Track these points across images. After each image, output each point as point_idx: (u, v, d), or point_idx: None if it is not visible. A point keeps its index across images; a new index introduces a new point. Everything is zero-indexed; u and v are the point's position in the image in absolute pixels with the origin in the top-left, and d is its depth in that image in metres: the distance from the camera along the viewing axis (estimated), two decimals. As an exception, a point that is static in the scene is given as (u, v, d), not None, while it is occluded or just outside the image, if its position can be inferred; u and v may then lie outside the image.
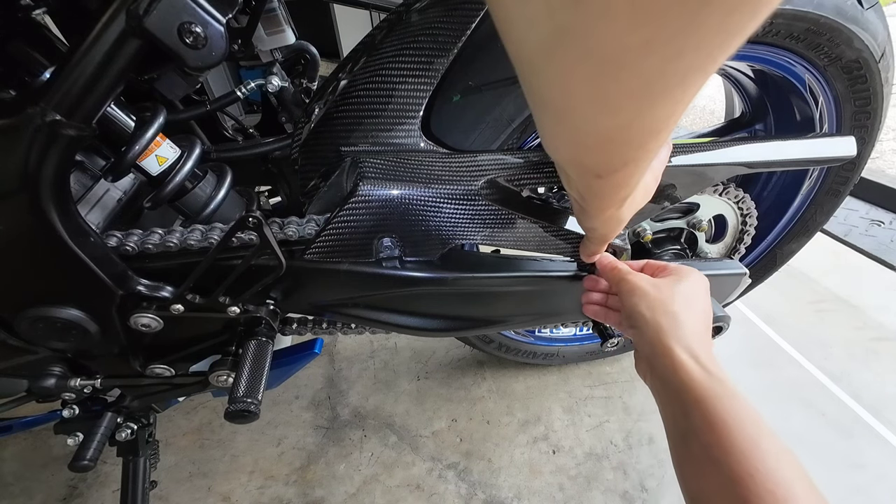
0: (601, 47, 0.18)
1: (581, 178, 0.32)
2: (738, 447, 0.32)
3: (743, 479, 0.30)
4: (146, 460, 0.71)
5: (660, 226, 0.72)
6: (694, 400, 0.36)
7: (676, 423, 0.37)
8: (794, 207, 0.83)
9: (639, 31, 0.17)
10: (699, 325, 0.43)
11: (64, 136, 0.37)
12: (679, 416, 0.37)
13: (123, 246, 0.46)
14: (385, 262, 0.51)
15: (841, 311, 1.24)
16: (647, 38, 0.17)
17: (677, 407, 0.37)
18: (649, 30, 0.17)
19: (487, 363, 1.14)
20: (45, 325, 0.47)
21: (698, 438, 0.34)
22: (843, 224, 1.56)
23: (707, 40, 0.17)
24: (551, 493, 0.87)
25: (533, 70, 0.22)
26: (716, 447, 0.33)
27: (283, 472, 0.92)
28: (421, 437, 0.98)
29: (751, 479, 0.30)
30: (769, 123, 0.78)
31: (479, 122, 0.53)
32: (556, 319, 0.70)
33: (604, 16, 0.16)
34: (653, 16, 0.16)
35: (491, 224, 0.52)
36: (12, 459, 0.96)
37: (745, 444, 0.32)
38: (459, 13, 0.45)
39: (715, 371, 0.37)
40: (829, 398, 1.02)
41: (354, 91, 0.49)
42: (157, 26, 0.35)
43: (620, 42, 0.17)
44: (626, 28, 0.17)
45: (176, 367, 0.58)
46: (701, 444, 0.34)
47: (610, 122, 0.23)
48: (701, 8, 0.16)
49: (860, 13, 0.55)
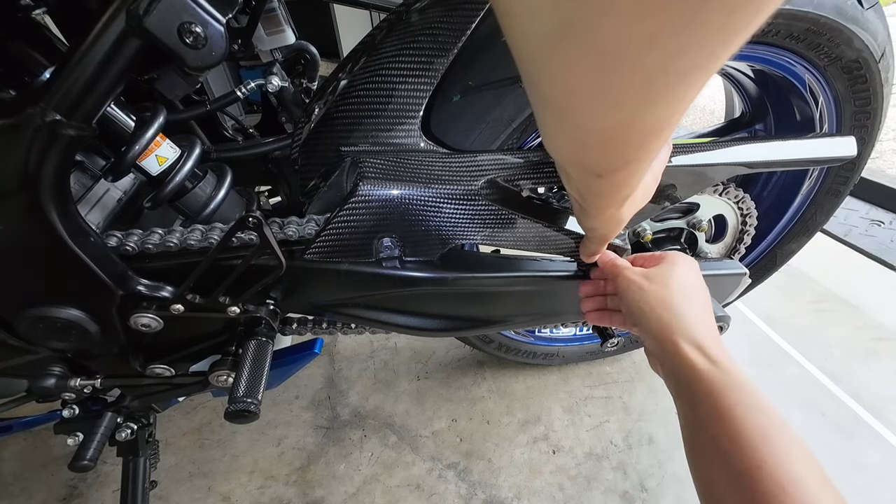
0: (604, 41, 0.18)
1: (582, 178, 0.32)
2: (746, 439, 0.32)
3: (751, 471, 0.30)
4: (146, 460, 0.71)
5: (660, 226, 0.72)
6: (702, 393, 0.36)
7: (686, 416, 0.38)
8: (794, 207, 0.83)
9: (642, 25, 0.17)
10: (700, 311, 0.42)
11: (64, 136, 0.37)
12: (688, 408, 0.37)
13: (123, 246, 0.46)
14: (385, 262, 0.51)
15: (841, 311, 1.24)
16: (650, 33, 0.17)
17: (686, 400, 0.38)
18: (653, 24, 0.17)
19: (487, 363, 1.14)
20: (45, 325, 0.47)
21: (707, 430, 0.34)
22: (843, 224, 1.56)
23: (710, 37, 0.17)
24: (551, 493, 0.87)
25: (535, 65, 0.22)
26: (724, 439, 0.33)
27: (283, 472, 0.92)
28: (421, 437, 0.98)
29: (759, 471, 0.30)
30: (769, 123, 0.78)
31: (479, 122, 0.53)
32: (556, 319, 0.70)
33: (608, 9, 0.16)
34: (657, 10, 0.16)
35: (491, 224, 0.52)
36: (12, 459, 0.96)
37: (753, 436, 0.32)
38: (459, 13, 0.45)
39: (722, 361, 0.37)
40: (829, 398, 1.02)
41: (354, 91, 0.49)
42: (157, 26, 0.35)
43: (624, 36, 0.17)
44: (629, 21, 0.17)
45: (176, 367, 0.58)
46: (709, 436, 0.34)
47: (612, 119, 0.23)
48: (704, 4, 0.16)
49: (860, 13, 0.55)
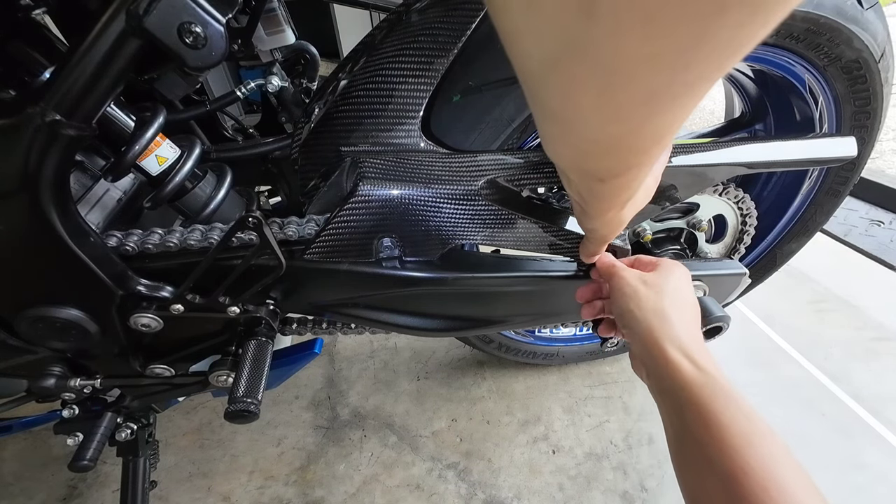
0: (611, 61, 0.18)
1: (583, 182, 0.32)
2: (732, 445, 0.32)
3: (737, 477, 0.30)
4: (146, 460, 0.71)
5: (660, 226, 0.72)
6: (687, 399, 0.36)
7: (672, 422, 0.38)
8: (794, 207, 0.83)
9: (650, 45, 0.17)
10: (689, 321, 0.43)
11: (64, 136, 0.37)
12: (674, 415, 0.37)
13: (123, 246, 0.46)
14: (385, 262, 0.51)
15: (841, 311, 1.24)
16: (657, 52, 0.17)
17: (672, 405, 0.38)
18: (660, 43, 0.17)
19: (487, 363, 1.14)
20: (44, 325, 0.47)
21: (693, 437, 0.35)
22: (843, 224, 1.56)
23: (716, 52, 0.17)
24: (551, 493, 0.87)
25: (539, 81, 0.22)
26: (710, 445, 0.33)
27: (283, 472, 0.92)
28: (421, 437, 0.98)
29: (745, 477, 0.30)
30: (769, 123, 0.78)
31: (479, 122, 0.53)
32: (556, 319, 0.70)
33: (616, 30, 0.16)
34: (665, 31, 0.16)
35: (491, 224, 0.52)
36: (12, 459, 0.96)
37: (738, 442, 0.32)
38: (459, 13, 0.45)
39: (708, 367, 0.37)
40: (829, 398, 1.02)
41: (354, 91, 0.49)
42: (157, 26, 0.35)
43: (631, 55, 0.17)
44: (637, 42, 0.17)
45: (176, 367, 0.58)
46: (696, 443, 0.34)
47: (615, 130, 0.23)
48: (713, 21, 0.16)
49: (860, 13, 0.55)
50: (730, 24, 0.16)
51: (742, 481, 0.30)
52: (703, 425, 0.34)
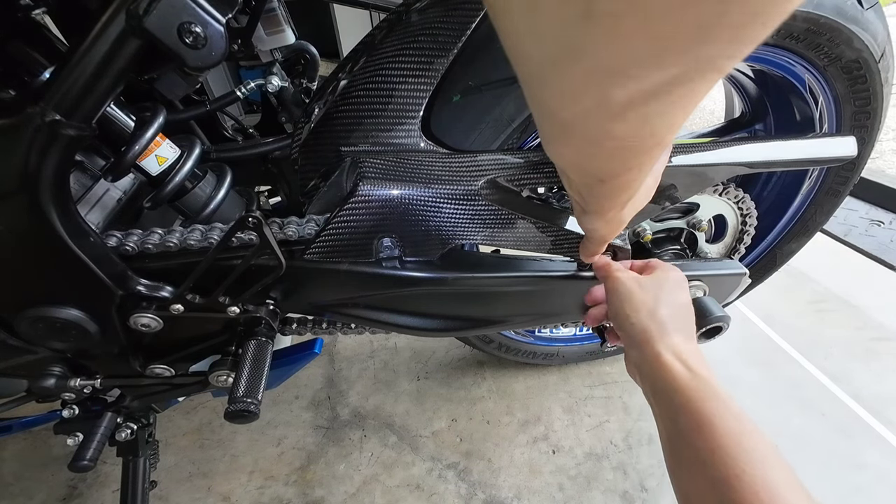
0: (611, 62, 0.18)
1: (583, 182, 0.32)
2: (725, 449, 0.32)
3: (730, 481, 0.31)
4: (146, 460, 0.71)
5: (660, 226, 0.72)
6: (681, 403, 0.36)
7: (665, 425, 0.38)
8: (794, 207, 0.83)
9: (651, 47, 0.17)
10: (683, 322, 0.43)
11: (64, 136, 0.37)
12: (667, 418, 0.38)
13: (123, 246, 0.46)
14: (385, 262, 0.51)
15: (841, 311, 1.24)
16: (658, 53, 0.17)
17: (665, 408, 0.38)
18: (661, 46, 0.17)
19: (487, 363, 1.14)
20: (44, 325, 0.47)
21: (686, 440, 0.35)
22: (843, 224, 1.56)
23: (717, 52, 0.17)
24: (551, 493, 0.87)
25: (539, 82, 0.22)
26: (704, 449, 0.33)
27: (283, 472, 0.92)
28: (421, 437, 0.98)
29: (738, 481, 0.31)
30: (769, 123, 0.78)
31: (479, 122, 0.53)
32: (556, 319, 0.70)
33: (617, 33, 0.16)
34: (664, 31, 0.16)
35: (491, 224, 0.52)
36: (12, 459, 0.96)
37: (731, 446, 0.32)
38: (459, 13, 0.45)
39: (701, 371, 0.38)
40: (829, 398, 1.02)
41: (354, 91, 0.49)
42: (157, 26, 0.35)
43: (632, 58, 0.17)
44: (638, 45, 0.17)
45: (176, 367, 0.58)
46: (689, 446, 0.35)
47: (615, 131, 0.23)
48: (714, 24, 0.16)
49: (860, 13, 0.55)
50: (729, 26, 0.16)
51: (735, 486, 0.31)
52: (695, 429, 0.34)
